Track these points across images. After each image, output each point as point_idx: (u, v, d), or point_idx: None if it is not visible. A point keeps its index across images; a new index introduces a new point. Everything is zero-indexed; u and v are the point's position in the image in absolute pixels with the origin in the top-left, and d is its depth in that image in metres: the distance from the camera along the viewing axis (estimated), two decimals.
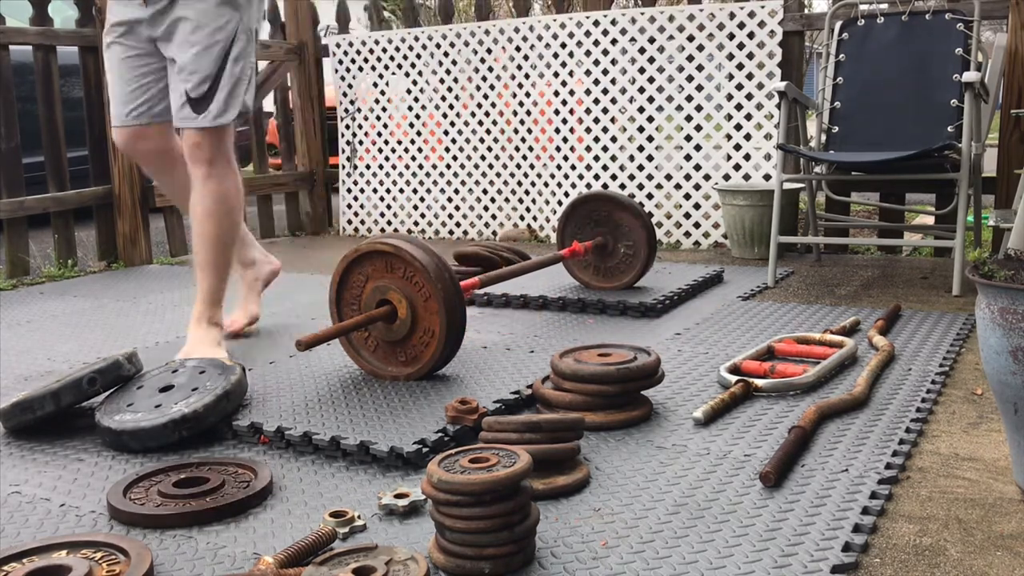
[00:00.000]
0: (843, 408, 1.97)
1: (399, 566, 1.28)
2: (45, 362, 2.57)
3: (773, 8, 4.08)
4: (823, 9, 5.57)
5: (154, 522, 1.53)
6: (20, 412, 1.96)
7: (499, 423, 1.65)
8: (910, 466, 1.72)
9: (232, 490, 1.63)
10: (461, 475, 1.32)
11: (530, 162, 4.72)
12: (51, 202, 4.12)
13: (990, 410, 2.00)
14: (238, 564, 1.40)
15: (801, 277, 3.54)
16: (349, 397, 2.06)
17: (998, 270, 1.55)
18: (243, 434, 1.92)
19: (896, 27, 3.63)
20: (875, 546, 1.41)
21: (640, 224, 3.07)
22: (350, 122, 5.22)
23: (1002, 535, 1.44)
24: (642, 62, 4.37)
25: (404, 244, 2.14)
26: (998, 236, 3.60)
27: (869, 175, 3.69)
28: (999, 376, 1.53)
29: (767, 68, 4.11)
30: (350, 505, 1.59)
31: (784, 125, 3.41)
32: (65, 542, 1.42)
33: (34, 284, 3.89)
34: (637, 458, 1.76)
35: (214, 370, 2.03)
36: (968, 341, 2.54)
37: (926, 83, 3.52)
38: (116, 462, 1.83)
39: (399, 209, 5.15)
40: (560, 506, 1.57)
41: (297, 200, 5.36)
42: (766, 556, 1.37)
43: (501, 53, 4.71)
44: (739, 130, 4.21)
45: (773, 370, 2.19)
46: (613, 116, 4.46)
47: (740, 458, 1.74)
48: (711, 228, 4.33)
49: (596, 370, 1.93)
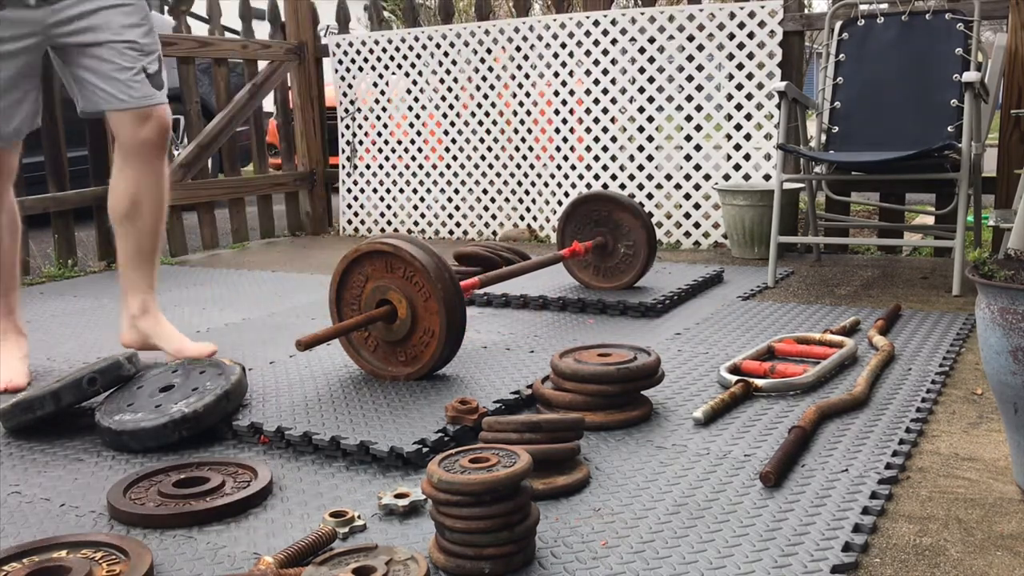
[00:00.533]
0: (843, 408, 1.97)
1: (399, 566, 1.28)
2: (45, 362, 2.57)
3: (773, 8, 4.08)
4: (823, 9, 5.57)
5: (154, 522, 1.53)
6: (20, 412, 1.96)
7: (499, 423, 1.65)
8: (910, 466, 1.72)
9: (232, 490, 1.63)
10: (461, 475, 1.32)
11: (530, 162, 4.72)
12: (51, 202, 4.12)
13: (990, 410, 2.00)
14: (238, 564, 1.40)
15: (801, 277, 3.54)
16: (349, 397, 2.05)
17: (998, 270, 1.55)
18: (243, 434, 1.92)
19: (896, 27, 3.63)
20: (875, 546, 1.41)
21: (640, 224, 3.07)
22: (350, 122, 5.22)
23: (1002, 535, 1.44)
24: (642, 62, 4.37)
25: (404, 244, 2.14)
26: (998, 236, 3.60)
27: (869, 175, 3.69)
28: (999, 376, 1.53)
29: (767, 68, 4.11)
30: (350, 505, 1.59)
31: (784, 125, 3.41)
32: (65, 542, 1.42)
33: (34, 284, 3.89)
34: (637, 458, 1.76)
35: (214, 370, 2.03)
36: (968, 341, 2.54)
37: (926, 83, 3.52)
38: (116, 462, 1.83)
39: (399, 209, 5.14)
40: (560, 506, 1.57)
41: (297, 200, 5.36)
42: (766, 556, 1.37)
43: (501, 53, 4.71)
44: (739, 130, 4.21)
45: (773, 370, 2.19)
46: (613, 116, 4.46)
47: (740, 458, 1.74)
48: (711, 228, 4.33)
49: (596, 370, 1.93)
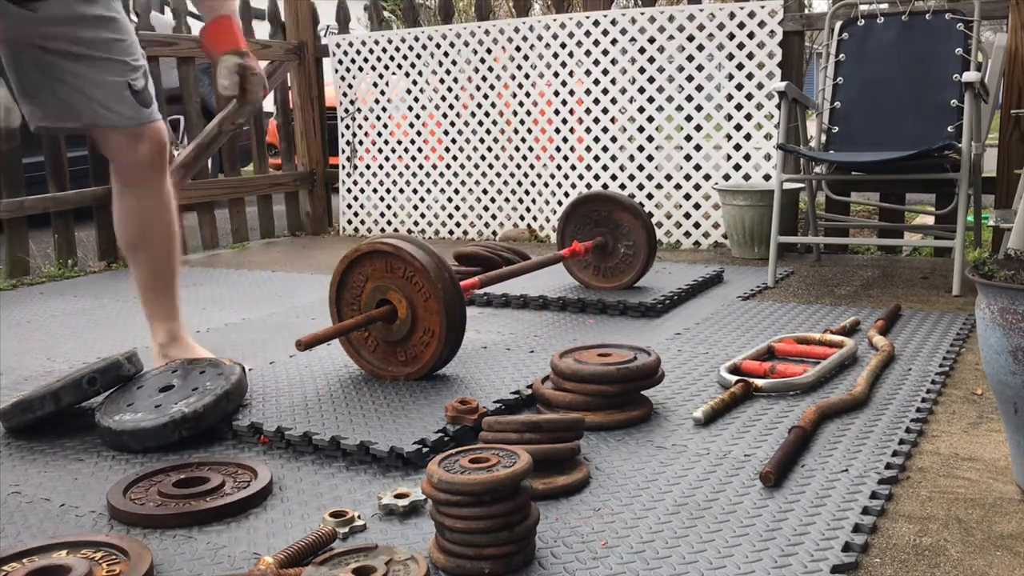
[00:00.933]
0: (843, 408, 1.97)
1: (399, 566, 1.28)
2: (45, 362, 2.57)
3: (773, 8, 4.08)
4: (823, 9, 5.57)
5: (154, 522, 1.53)
6: (20, 412, 1.96)
7: (499, 423, 1.65)
8: (910, 466, 1.72)
9: (232, 490, 1.63)
10: (461, 475, 1.32)
11: (530, 162, 4.72)
12: (51, 202, 4.12)
13: (990, 410, 2.00)
14: (238, 564, 1.40)
15: (801, 277, 3.54)
16: (349, 397, 2.05)
17: (998, 270, 1.55)
18: (243, 434, 1.92)
19: (896, 27, 3.63)
20: (875, 546, 1.41)
21: (640, 224, 3.07)
22: (350, 122, 5.22)
23: (1002, 535, 1.44)
24: (642, 62, 4.37)
25: (404, 244, 2.14)
26: (998, 236, 3.60)
27: (869, 175, 3.68)
28: (999, 376, 1.53)
29: (767, 68, 4.11)
30: (350, 505, 1.59)
31: (784, 125, 3.41)
32: (65, 542, 1.42)
33: (34, 284, 3.88)
34: (637, 458, 1.76)
35: (214, 370, 2.03)
36: (968, 341, 2.54)
37: (926, 83, 3.52)
38: (116, 462, 1.83)
39: (399, 209, 5.14)
40: (560, 506, 1.57)
41: (297, 200, 5.36)
42: (766, 556, 1.37)
43: (501, 53, 4.71)
44: (739, 130, 4.21)
45: (773, 370, 2.19)
46: (613, 116, 4.46)
47: (740, 458, 1.74)
48: (711, 228, 4.33)
49: (596, 370, 1.93)
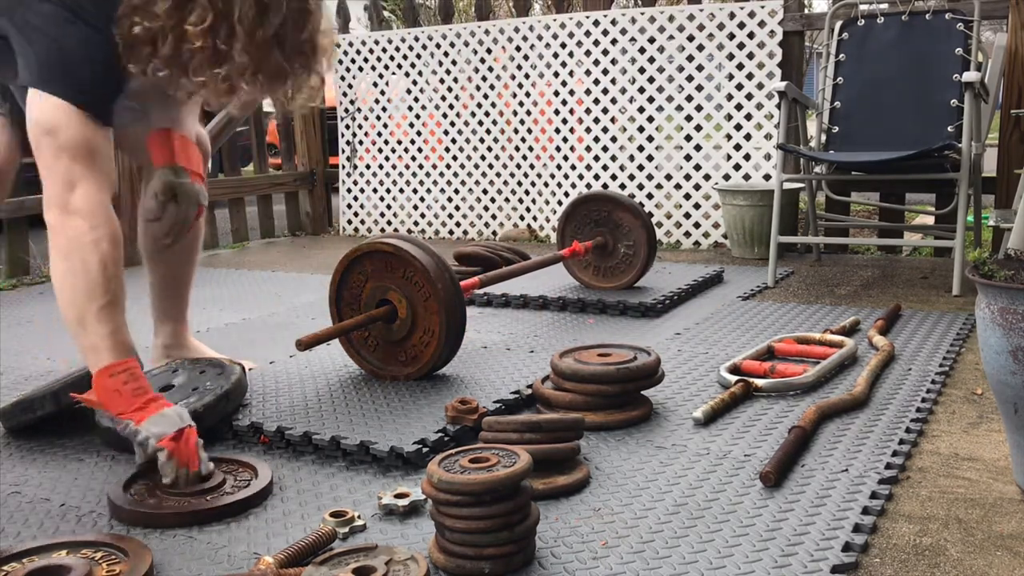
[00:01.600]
0: (843, 408, 1.97)
1: (399, 566, 1.28)
2: (45, 362, 2.57)
3: (773, 8, 4.08)
4: (823, 9, 5.57)
5: (154, 521, 1.53)
6: (20, 412, 1.96)
7: (499, 423, 1.65)
8: (910, 466, 1.72)
9: (232, 490, 1.63)
10: (461, 475, 1.32)
11: (530, 162, 4.72)
12: None
13: (990, 410, 2.00)
14: (238, 564, 1.40)
15: (801, 277, 3.54)
16: (349, 397, 2.05)
17: (998, 270, 1.55)
18: (243, 434, 1.92)
19: (896, 27, 3.63)
20: (875, 546, 1.41)
21: (640, 224, 3.07)
22: (350, 122, 5.22)
23: (1002, 535, 1.44)
24: (642, 62, 4.37)
25: (404, 244, 2.14)
26: (998, 236, 3.60)
27: (869, 175, 3.68)
28: (999, 376, 1.53)
29: (767, 68, 4.11)
30: (350, 505, 1.59)
31: (784, 125, 3.41)
32: (65, 542, 1.42)
33: (34, 284, 3.88)
34: (637, 458, 1.76)
35: (214, 370, 2.02)
36: (968, 341, 2.54)
37: (926, 83, 3.52)
38: (116, 462, 1.83)
39: (399, 209, 5.14)
40: (560, 506, 1.57)
41: (297, 200, 5.36)
42: (766, 556, 1.36)
43: (501, 53, 4.71)
44: (739, 130, 4.21)
45: (773, 370, 2.19)
46: (613, 116, 4.46)
47: (740, 458, 1.74)
48: (711, 228, 4.33)
49: (596, 370, 1.93)
